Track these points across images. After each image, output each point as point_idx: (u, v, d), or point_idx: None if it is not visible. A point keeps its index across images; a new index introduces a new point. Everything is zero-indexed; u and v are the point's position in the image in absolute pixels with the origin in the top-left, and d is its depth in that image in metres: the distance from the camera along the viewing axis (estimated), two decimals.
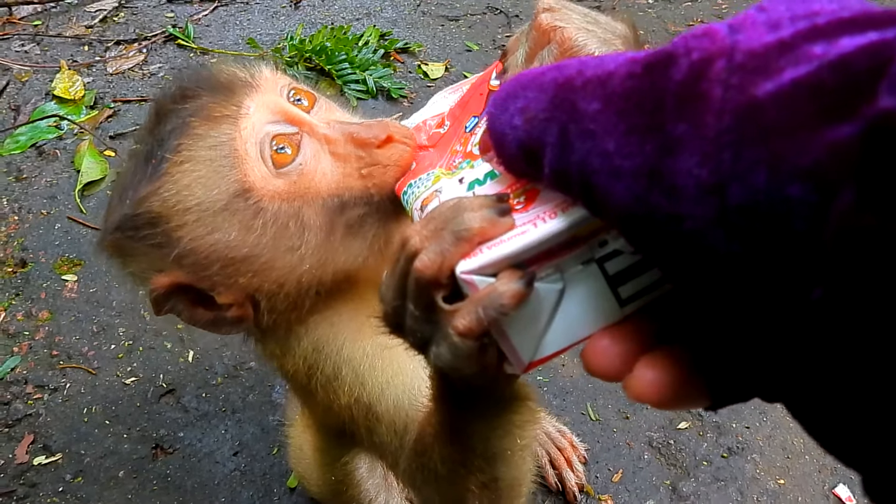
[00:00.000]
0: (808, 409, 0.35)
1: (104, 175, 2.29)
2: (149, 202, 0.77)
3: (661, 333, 0.42)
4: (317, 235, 0.77)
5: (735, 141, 0.31)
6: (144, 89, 2.62)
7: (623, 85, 0.35)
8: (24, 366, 1.86)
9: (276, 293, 0.80)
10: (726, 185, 0.31)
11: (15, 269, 2.07)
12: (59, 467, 1.69)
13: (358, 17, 2.89)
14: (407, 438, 0.78)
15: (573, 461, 1.59)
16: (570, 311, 0.45)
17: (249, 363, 1.85)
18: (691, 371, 0.39)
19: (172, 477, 1.67)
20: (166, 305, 0.81)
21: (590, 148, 0.36)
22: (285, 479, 1.65)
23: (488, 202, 0.47)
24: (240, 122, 0.76)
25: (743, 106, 0.31)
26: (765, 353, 0.35)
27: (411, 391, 0.79)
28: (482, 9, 2.88)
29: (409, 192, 0.66)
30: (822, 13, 0.31)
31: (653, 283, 0.44)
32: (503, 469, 0.71)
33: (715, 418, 1.71)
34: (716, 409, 0.41)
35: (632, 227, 0.36)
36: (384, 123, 0.76)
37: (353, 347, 0.82)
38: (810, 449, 1.67)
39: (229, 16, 2.93)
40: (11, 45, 2.83)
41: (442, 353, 0.49)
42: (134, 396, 1.80)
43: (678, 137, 0.32)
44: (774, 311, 0.32)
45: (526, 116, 0.41)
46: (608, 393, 1.78)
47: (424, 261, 0.46)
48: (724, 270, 0.32)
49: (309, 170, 0.77)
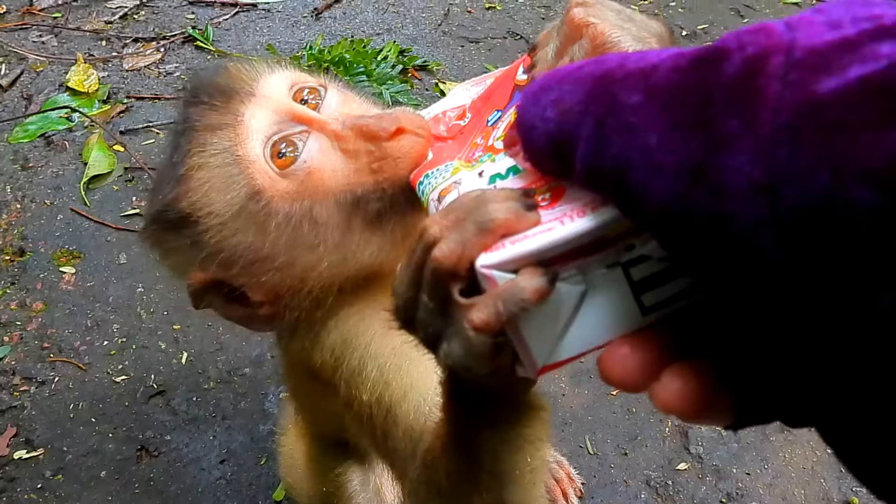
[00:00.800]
0: (853, 433, 0.33)
1: (111, 169, 2.27)
2: (178, 203, 0.79)
3: (682, 346, 0.40)
4: (333, 233, 0.77)
5: (792, 139, 0.29)
6: (159, 87, 2.61)
7: (668, 78, 0.33)
8: (14, 356, 1.82)
9: (299, 291, 0.80)
10: (780, 185, 0.29)
11: (13, 258, 2.04)
12: (39, 463, 1.64)
13: (379, 31, 2.89)
14: (420, 447, 0.75)
15: (569, 493, 1.55)
16: (590, 316, 0.43)
17: (244, 369, 1.81)
18: (718, 385, 0.37)
19: (156, 481, 1.62)
20: (203, 300, 0.84)
21: (628, 142, 0.34)
22: (271, 491, 1.60)
23: (514, 195, 0.45)
24: (238, 129, 0.77)
25: (803, 103, 0.29)
26: (805, 369, 0.33)
27: (433, 399, 0.76)
28: (503, 33, 2.89)
29: (426, 182, 0.63)
30: (885, 16, 0.30)
31: (678, 292, 0.42)
32: (511, 489, 0.67)
33: (715, 461, 1.68)
34: (736, 430, 0.39)
35: (668, 227, 0.34)
36: (395, 115, 0.75)
37: (381, 344, 0.81)
38: (811, 501, 1.63)
39: (250, 21, 2.93)
40: (29, 35, 2.83)
41: (454, 350, 0.46)
42: (123, 395, 1.76)
43: (729, 134, 0.31)
44: (827, 320, 0.30)
45: (559, 109, 0.39)
46: (608, 427, 1.74)
47: (444, 250, 0.44)
48: (771, 276, 0.31)
49: (317, 168, 0.76)
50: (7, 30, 2.83)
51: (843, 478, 1.65)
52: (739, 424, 0.39)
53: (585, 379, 1.81)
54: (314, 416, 1.24)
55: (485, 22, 2.95)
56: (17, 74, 2.62)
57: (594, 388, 1.80)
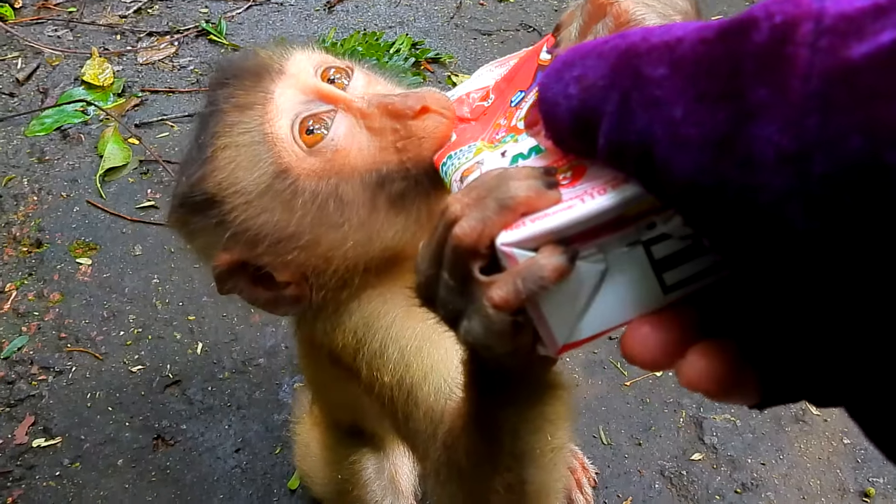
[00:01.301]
0: (885, 410, 0.33)
1: (126, 162, 2.29)
2: (203, 183, 0.79)
3: (706, 324, 0.40)
4: (358, 212, 0.77)
5: (823, 106, 0.28)
6: (173, 81, 2.62)
7: (694, 50, 0.33)
8: (32, 346, 1.84)
9: (324, 270, 0.80)
10: (810, 153, 0.28)
11: (30, 249, 2.06)
12: (57, 451, 1.66)
13: (391, 25, 2.89)
14: (440, 429, 0.75)
15: (583, 483, 1.55)
16: (611, 295, 0.42)
17: (258, 359, 1.82)
18: (744, 364, 0.37)
19: (172, 469, 1.64)
20: (228, 283, 0.83)
21: (653, 116, 0.34)
22: (286, 479, 1.61)
23: (535, 173, 0.44)
24: (267, 107, 0.77)
25: (834, 69, 0.28)
26: (834, 345, 0.33)
27: (454, 380, 0.77)
28: (516, 25, 2.88)
29: (449, 163, 0.64)
30: None
31: (700, 271, 0.42)
32: (531, 470, 0.67)
33: (730, 452, 1.67)
34: (762, 408, 0.39)
35: (694, 202, 0.33)
36: (421, 94, 0.75)
37: (402, 326, 0.81)
38: (827, 491, 1.62)
39: (263, 15, 2.94)
40: (45, 29, 2.85)
41: (474, 328, 0.46)
42: (139, 385, 1.78)
43: (757, 103, 0.30)
44: (858, 292, 0.30)
45: (582, 85, 0.38)
46: (621, 418, 1.73)
47: (464, 228, 0.44)
48: (801, 248, 0.30)
49: (344, 146, 0.76)
50: (23, 24, 2.86)
51: (860, 468, 1.64)
52: (766, 403, 0.38)
53: (599, 369, 1.81)
54: (331, 403, 1.25)
55: (497, 14, 2.94)
56: (34, 68, 2.64)
57: (608, 379, 1.79)
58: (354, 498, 1.32)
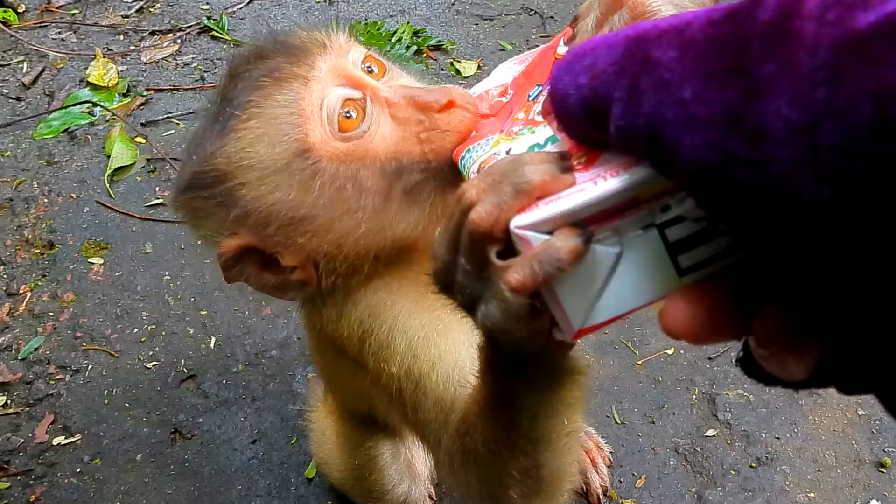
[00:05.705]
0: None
1: (134, 161, 2.30)
2: (216, 159, 0.78)
3: (740, 298, 0.39)
4: (374, 199, 0.77)
5: (831, 77, 0.28)
6: (177, 79, 2.63)
7: (703, 31, 0.33)
8: (48, 346, 1.86)
9: (334, 256, 0.80)
10: (819, 123, 0.28)
11: (42, 251, 2.08)
12: (77, 448, 1.68)
13: (392, 13, 2.88)
14: (452, 417, 0.76)
15: (598, 463, 1.56)
16: (626, 278, 0.42)
17: (271, 351, 1.84)
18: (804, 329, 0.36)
19: (190, 462, 1.66)
20: (235, 269, 0.83)
21: (663, 98, 0.34)
22: (303, 468, 1.63)
23: (550, 157, 0.45)
24: (310, 83, 0.77)
25: (842, 39, 0.28)
26: (851, 325, 0.32)
27: (462, 369, 0.77)
28: (517, 9, 2.87)
29: (467, 157, 0.65)
30: None
31: (716, 253, 0.41)
32: (547, 455, 0.68)
33: (744, 427, 1.67)
34: (798, 390, 0.38)
35: (704, 181, 0.33)
36: (447, 88, 0.76)
37: (409, 317, 0.81)
38: (842, 463, 1.62)
39: (264, 9, 2.94)
40: (48, 32, 2.86)
41: (491, 312, 0.47)
42: (155, 381, 1.80)
43: (766, 78, 0.30)
44: (873, 266, 0.29)
45: (592, 73, 0.38)
46: (634, 397, 1.74)
47: (480, 212, 0.45)
48: (813, 221, 0.30)
49: (369, 133, 0.77)
50: (27, 28, 2.87)
51: (875, 438, 1.64)
52: (810, 384, 0.37)
53: (611, 349, 1.81)
54: (343, 392, 1.26)
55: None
56: (39, 72, 2.66)
57: (619, 359, 1.80)
58: (371, 483, 1.33)
